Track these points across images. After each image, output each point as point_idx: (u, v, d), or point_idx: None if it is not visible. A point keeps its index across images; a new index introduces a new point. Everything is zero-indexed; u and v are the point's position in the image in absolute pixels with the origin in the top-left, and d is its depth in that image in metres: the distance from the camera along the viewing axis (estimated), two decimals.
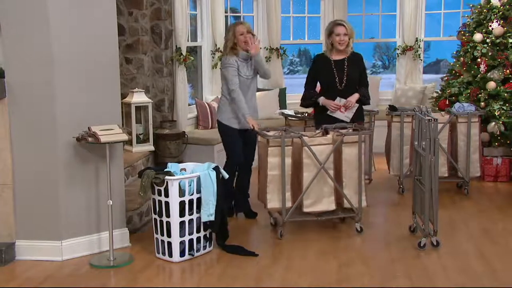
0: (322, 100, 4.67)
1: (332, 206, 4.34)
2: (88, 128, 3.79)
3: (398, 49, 7.93)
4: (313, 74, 4.79)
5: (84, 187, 3.96)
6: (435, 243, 4.00)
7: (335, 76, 4.65)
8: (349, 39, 4.63)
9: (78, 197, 3.95)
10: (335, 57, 4.70)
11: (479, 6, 6.36)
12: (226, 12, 7.17)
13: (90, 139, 3.75)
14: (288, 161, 4.26)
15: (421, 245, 4.00)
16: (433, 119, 3.88)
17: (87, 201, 3.99)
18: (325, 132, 4.45)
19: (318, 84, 4.83)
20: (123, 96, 5.31)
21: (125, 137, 3.87)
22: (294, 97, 7.74)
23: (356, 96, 4.64)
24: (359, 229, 4.40)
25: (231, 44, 4.58)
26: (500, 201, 5.19)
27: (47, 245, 3.91)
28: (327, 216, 4.43)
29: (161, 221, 3.87)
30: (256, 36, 4.73)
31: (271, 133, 4.37)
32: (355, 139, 4.30)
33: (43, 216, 3.90)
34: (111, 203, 3.86)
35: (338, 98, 4.64)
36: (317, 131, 4.49)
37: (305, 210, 4.31)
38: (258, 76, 4.78)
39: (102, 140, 3.71)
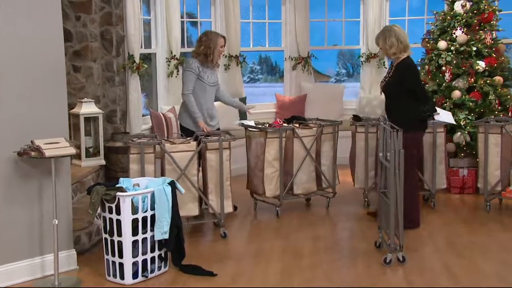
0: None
1: (195, 212, 4.71)
2: (31, 141, 3.71)
3: (362, 57, 8.10)
4: None
5: (26, 205, 3.87)
6: (401, 259, 4.08)
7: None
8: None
9: (18, 217, 3.84)
10: None
11: (442, 13, 6.57)
12: (182, 17, 7.17)
13: (33, 153, 3.67)
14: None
15: (387, 261, 4.07)
16: (397, 130, 3.97)
17: (29, 221, 3.89)
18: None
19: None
20: (71, 106, 5.22)
21: (72, 150, 3.81)
22: (255, 107, 7.79)
23: None
24: (223, 235, 4.74)
25: (204, 51, 5.10)
26: (465, 213, 5.35)
27: None
28: (196, 221, 4.88)
29: (112, 241, 3.82)
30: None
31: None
32: (217, 145, 4.68)
33: None
34: (56, 223, 3.78)
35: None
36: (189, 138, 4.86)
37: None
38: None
39: (46, 155, 3.64)
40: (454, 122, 5.50)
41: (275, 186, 5.34)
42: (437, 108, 5.24)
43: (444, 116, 5.34)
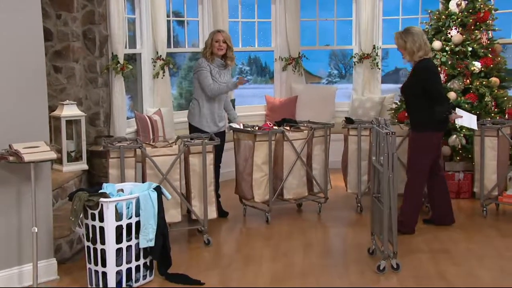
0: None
1: (178, 218, 4.73)
2: (9, 145, 3.68)
3: (354, 57, 8.13)
4: None
5: (4, 213, 3.82)
6: (395, 266, 4.08)
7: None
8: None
9: None
10: None
11: (437, 12, 6.60)
12: (168, 16, 7.15)
13: (11, 158, 3.63)
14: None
15: (381, 268, 4.07)
16: (391, 132, 3.97)
17: (6, 229, 3.84)
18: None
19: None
20: (52, 109, 5.19)
21: (53, 155, 3.77)
22: (244, 109, 7.80)
23: None
24: (206, 242, 4.73)
25: (210, 51, 5.36)
26: (461, 219, 5.36)
27: None
28: (179, 228, 4.88)
29: (95, 249, 3.79)
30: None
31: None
32: (201, 149, 4.69)
33: None
34: (36, 231, 3.73)
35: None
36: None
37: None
38: None
39: (25, 159, 3.60)
40: (476, 128, 5.25)
41: (264, 191, 5.33)
42: (461, 111, 5.14)
43: (466, 120, 5.11)
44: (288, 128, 5.60)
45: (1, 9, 3.75)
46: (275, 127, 5.58)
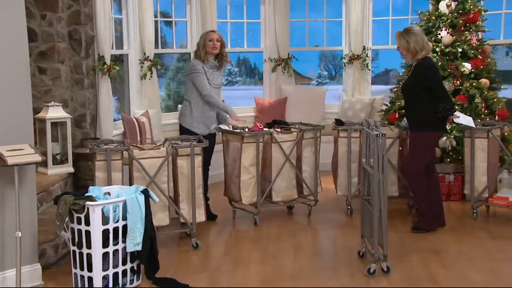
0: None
1: (166, 221, 4.70)
2: None
3: (344, 58, 8.15)
4: None
5: None
6: (385, 269, 4.09)
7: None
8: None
9: None
10: None
11: (427, 13, 6.64)
12: (155, 16, 7.13)
13: None
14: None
15: (371, 271, 4.07)
16: (381, 134, 3.99)
17: None
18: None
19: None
20: (36, 111, 5.15)
21: (37, 158, 3.75)
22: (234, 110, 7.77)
23: None
24: (195, 245, 4.71)
25: (203, 52, 5.35)
26: (452, 221, 5.38)
27: None
28: (167, 231, 4.86)
29: (81, 253, 3.76)
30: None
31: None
32: (189, 151, 4.68)
33: None
34: (19, 235, 3.70)
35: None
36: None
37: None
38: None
39: (9, 162, 3.58)
40: (473, 125, 5.39)
41: (252, 193, 5.33)
42: (457, 112, 5.24)
43: (463, 119, 5.29)
44: (279, 130, 5.60)
45: None
46: (266, 129, 5.58)
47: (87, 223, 3.71)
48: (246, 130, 5.48)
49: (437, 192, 5.19)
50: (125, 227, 3.83)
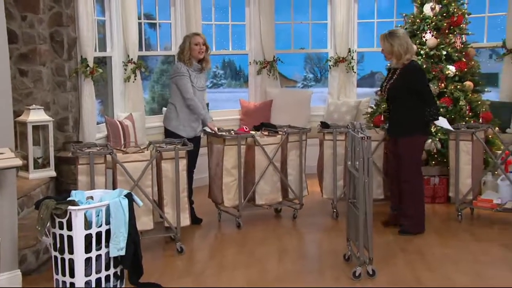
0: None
1: (150, 225, 4.68)
2: None
3: (330, 61, 8.18)
4: None
5: None
6: (371, 272, 4.10)
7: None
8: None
9: None
10: None
11: (412, 16, 6.70)
12: (139, 18, 7.10)
13: None
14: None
15: (356, 274, 4.08)
16: (366, 137, 4.00)
17: None
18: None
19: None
20: (17, 114, 5.11)
21: (18, 162, 3.71)
22: (218, 114, 7.78)
23: None
24: (179, 249, 4.70)
25: (188, 55, 5.32)
26: (437, 224, 5.42)
27: None
28: (151, 235, 4.84)
29: (63, 259, 3.72)
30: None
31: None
32: (173, 155, 4.66)
33: None
34: None
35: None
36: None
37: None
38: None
39: None
40: (451, 128, 5.47)
41: (234, 195, 5.32)
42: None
43: (442, 121, 5.37)
44: (266, 133, 5.60)
45: None
46: (252, 132, 5.57)
47: (69, 228, 3.67)
48: (232, 132, 5.47)
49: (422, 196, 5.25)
50: (108, 232, 3.80)
